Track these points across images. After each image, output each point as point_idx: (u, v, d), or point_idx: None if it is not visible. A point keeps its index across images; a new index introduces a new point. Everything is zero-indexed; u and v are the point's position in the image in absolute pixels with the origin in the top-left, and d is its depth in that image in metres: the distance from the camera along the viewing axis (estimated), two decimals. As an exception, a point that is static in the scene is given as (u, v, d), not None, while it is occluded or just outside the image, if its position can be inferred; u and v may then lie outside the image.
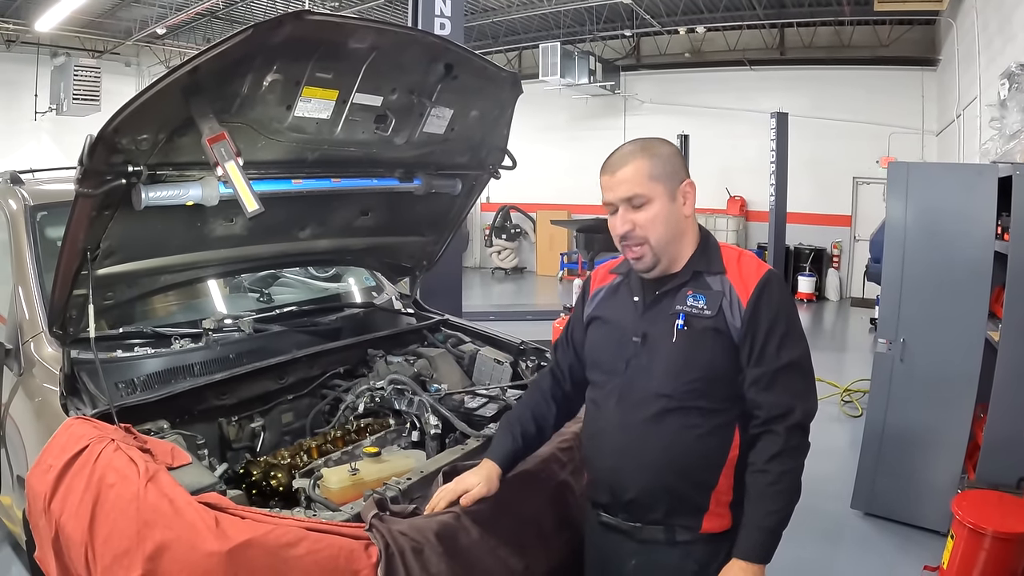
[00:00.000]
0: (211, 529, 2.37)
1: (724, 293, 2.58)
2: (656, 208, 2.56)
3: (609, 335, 2.77)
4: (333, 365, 4.13)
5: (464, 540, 2.71)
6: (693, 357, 2.56)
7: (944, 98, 14.01)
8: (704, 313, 2.57)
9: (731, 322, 2.55)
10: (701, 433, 2.56)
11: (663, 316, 2.63)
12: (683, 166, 2.63)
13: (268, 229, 3.68)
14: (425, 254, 4.82)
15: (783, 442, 2.49)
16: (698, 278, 2.63)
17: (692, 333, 2.57)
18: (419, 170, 3.93)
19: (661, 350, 2.60)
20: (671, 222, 2.59)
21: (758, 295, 2.54)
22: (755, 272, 2.61)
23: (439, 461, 3.18)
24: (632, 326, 2.69)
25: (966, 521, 4.38)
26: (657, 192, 2.55)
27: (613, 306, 2.81)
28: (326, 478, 3.05)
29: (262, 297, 5.03)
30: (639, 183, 2.54)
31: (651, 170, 2.54)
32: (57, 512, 2.67)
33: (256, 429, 3.68)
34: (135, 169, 2.79)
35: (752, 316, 2.53)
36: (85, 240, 2.97)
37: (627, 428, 2.64)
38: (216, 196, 3.06)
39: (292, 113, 3.04)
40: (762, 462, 2.50)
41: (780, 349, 2.52)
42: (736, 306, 2.55)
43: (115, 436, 2.78)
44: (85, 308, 3.17)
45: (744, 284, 2.58)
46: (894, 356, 5.74)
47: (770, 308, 2.54)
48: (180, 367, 3.73)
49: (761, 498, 2.49)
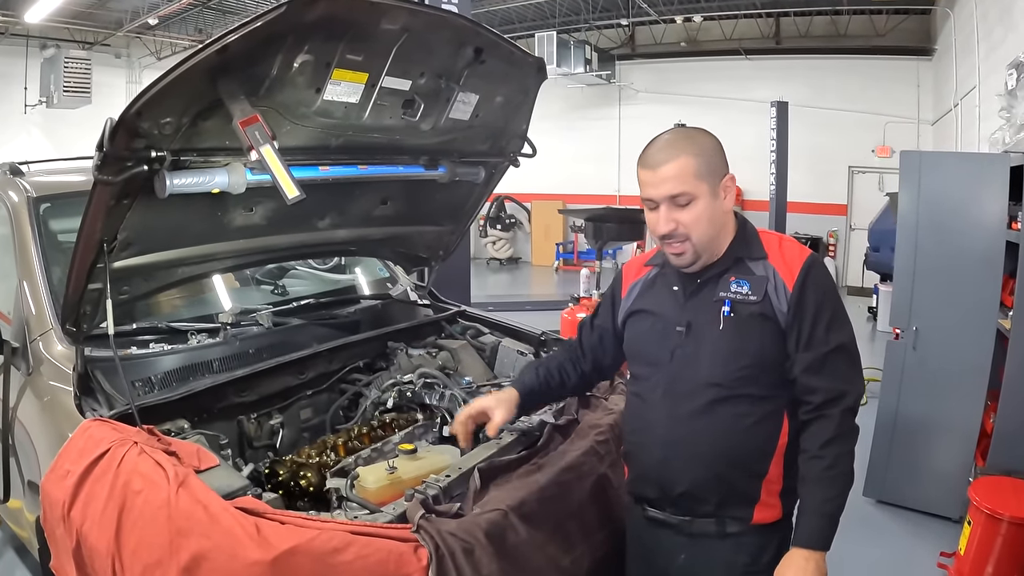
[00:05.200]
0: (252, 537, 2.24)
1: (768, 278, 2.53)
2: (700, 207, 2.48)
3: (651, 327, 2.70)
4: (353, 359, 4.01)
5: (512, 538, 2.61)
6: (741, 344, 2.52)
7: (940, 88, 14.03)
8: (749, 299, 2.52)
9: (777, 307, 2.50)
10: (752, 421, 2.52)
11: (707, 304, 2.58)
12: (725, 160, 2.54)
13: (287, 218, 3.53)
14: (442, 244, 4.69)
15: (837, 426, 2.45)
16: (739, 264, 2.58)
17: (739, 320, 2.53)
18: (442, 157, 3.80)
19: (707, 338, 2.55)
20: (714, 219, 2.52)
21: (803, 279, 2.50)
22: (798, 256, 2.56)
23: (475, 457, 3.04)
24: (675, 316, 2.64)
25: (983, 507, 4.40)
26: (702, 191, 2.47)
27: (652, 298, 2.75)
28: (363, 477, 2.92)
29: (277, 289, 4.88)
30: (684, 182, 2.45)
31: (697, 168, 2.46)
32: (78, 521, 2.53)
33: (275, 426, 3.56)
34: (158, 154, 2.64)
35: (799, 300, 2.48)
36: (102, 231, 2.82)
37: (676, 419, 2.57)
38: (243, 183, 2.93)
39: (321, 96, 2.90)
40: (817, 447, 2.45)
41: (828, 332, 2.49)
42: (782, 291, 2.50)
43: (137, 439, 2.65)
44: (100, 303, 3.04)
45: (788, 268, 2.53)
46: (906, 345, 5.73)
47: (816, 291, 2.50)
48: (198, 363, 3.60)
49: (819, 484, 2.45)
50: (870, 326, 12.71)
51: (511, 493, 2.74)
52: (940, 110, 13.87)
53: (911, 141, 15.31)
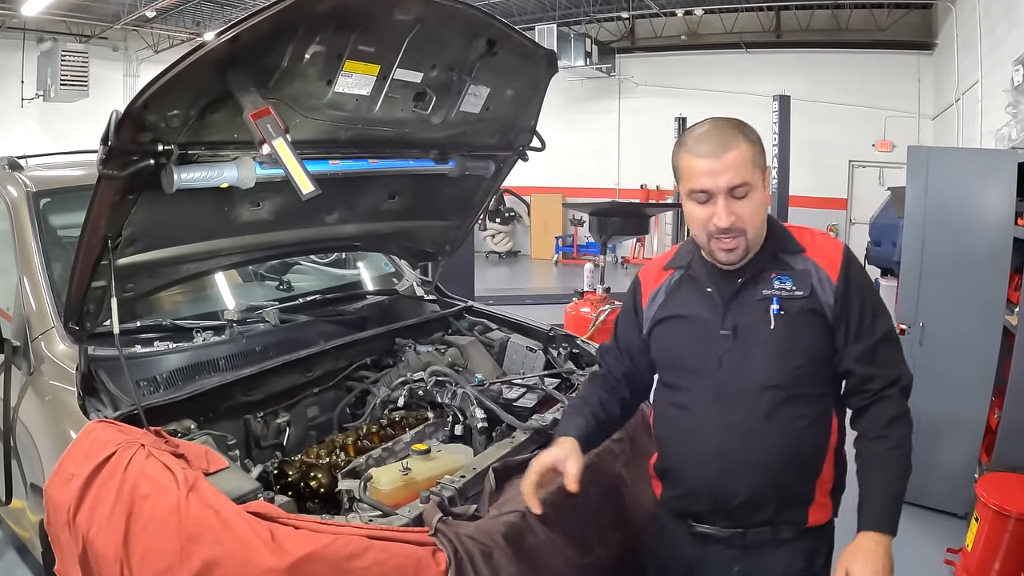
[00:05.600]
0: (266, 543, 2.17)
1: (811, 271, 2.44)
2: (757, 198, 2.37)
3: (688, 333, 2.55)
4: (360, 356, 3.94)
5: (531, 541, 2.54)
6: (795, 342, 2.42)
7: (941, 82, 14.02)
8: (796, 294, 2.43)
9: (824, 300, 2.42)
10: (809, 421, 2.44)
11: (750, 304, 2.45)
12: (765, 151, 2.46)
13: (295, 213, 3.46)
14: (448, 239, 4.62)
15: (898, 405, 2.41)
16: (777, 259, 2.48)
17: (789, 317, 2.42)
18: (452, 151, 3.73)
19: (759, 339, 2.43)
20: (763, 211, 2.43)
21: (846, 270, 2.44)
22: (835, 247, 2.50)
23: (489, 456, 2.98)
24: (715, 319, 2.48)
25: (991, 503, 4.37)
26: (757, 180, 2.37)
27: (684, 302, 2.59)
28: (376, 478, 2.82)
29: (282, 285, 4.82)
30: (746, 171, 2.33)
31: (754, 157, 2.35)
32: (84, 526, 2.45)
33: (282, 425, 3.49)
34: (165, 148, 2.57)
35: (846, 292, 2.42)
36: (107, 227, 2.76)
37: (731, 428, 2.44)
38: (252, 177, 2.85)
39: (332, 89, 2.83)
40: (880, 427, 2.40)
41: (875, 321, 2.44)
42: (827, 284, 2.43)
43: (144, 440, 2.56)
44: (104, 301, 2.98)
45: (829, 260, 2.45)
46: (913, 341, 5.64)
47: (859, 281, 2.46)
48: (204, 362, 3.53)
49: (884, 464, 2.39)
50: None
51: None
52: (941, 105, 13.86)
53: (912, 136, 15.31)
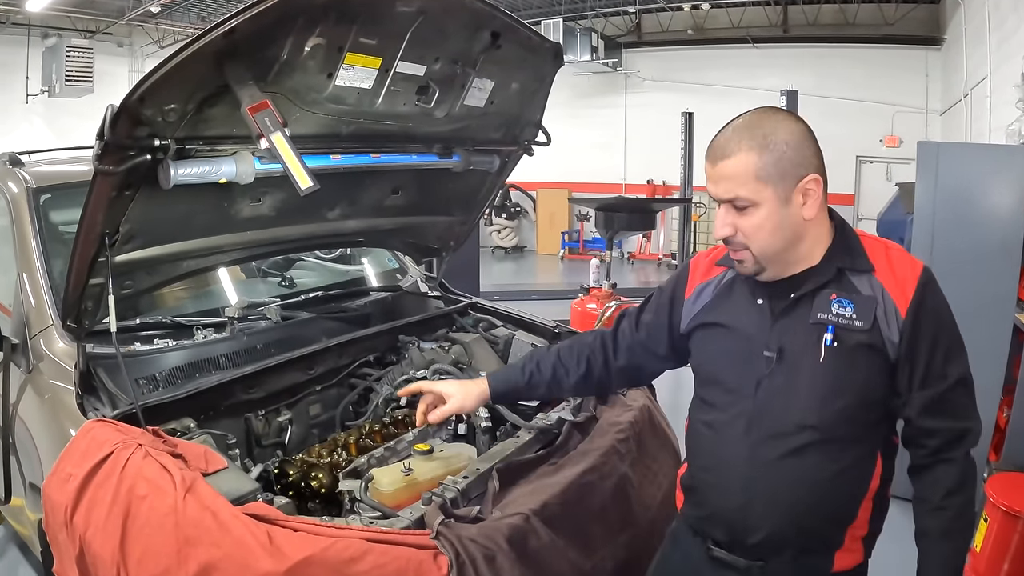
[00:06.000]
0: (264, 546, 2.12)
1: (877, 299, 2.13)
2: (762, 215, 2.09)
3: (730, 346, 2.31)
4: (363, 353, 3.88)
5: (534, 543, 2.49)
6: (845, 380, 2.14)
7: (949, 77, 13.95)
8: (855, 325, 2.12)
9: (887, 336, 2.11)
10: (844, 466, 2.18)
11: (802, 326, 2.18)
12: (808, 156, 2.10)
13: (296, 209, 3.42)
14: (453, 235, 4.56)
15: (960, 472, 2.15)
16: (841, 277, 2.17)
17: (843, 350, 2.13)
18: (456, 145, 3.69)
19: (805, 370, 2.16)
20: (783, 230, 2.12)
21: (919, 302, 2.11)
22: (911, 271, 2.16)
23: (493, 457, 2.94)
24: (761, 336, 2.23)
25: (1000, 504, 4.30)
26: (765, 196, 2.08)
27: (730, 309, 2.34)
28: (377, 479, 2.78)
29: (284, 281, 4.79)
30: (742, 184, 2.08)
31: (759, 168, 2.06)
32: (81, 527, 2.41)
33: (283, 423, 3.44)
34: (162, 143, 2.51)
35: (913, 329, 2.10)
36: (104, 224, 2.71)
37: (759, 463, 2.22)
38: (251, 173, 2.81)
39: (333, 82, 2.78)
40: (940, 498, 2.15)
41: (947, 364, 2.13)
42: (893, 316, 2.11)
43: (142, 440, 2.52)
44: (102, 298, 2.93)
45: (900, 287, 2.13)
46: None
47: (934, 317, 2.13)
48: (204, 359, 3.48)
49: (945, 538, 2.16)
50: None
51: (532, 496, 2.63)
52: (949, 100, 13.78)
53: (919, 131, 15.21)
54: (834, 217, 2.24)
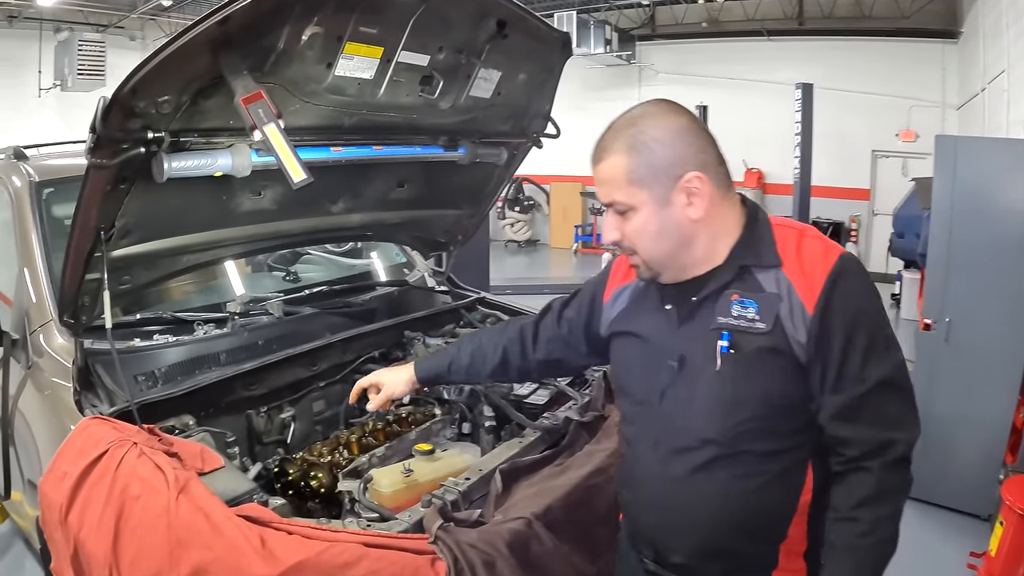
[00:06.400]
0: (256, 550, 2.07)
1: (782, 297, 1.94)
2: (642, 219, 1.99)
3: (639, 354, 2.19)
4: (367, 349, 3.81)
5: (536, 548, 2.39)
6: (744, 390, 1.97)
7: (966, 71, 13.80)
8: (756, 327, 1.95)
9: (793, 336, 1.93)
10: (764, 482, 2.01)
11: (703, 332, 2.02)
12: (686, 153, 1.96)
13: (299, 203, 3.36)
14: (460, 228, 4.49)
15: (877, 482, 1.91)
16: (746, 275, 2.00)
17: (741, 357, 1.97)
18: (462, 138, 3.62)
19: (702, 380, 2.01)
20: (666, 233, 1.99)
21: (827, 297, 1.91)
22: (821, 262, 1.95)
23: (497, 457, 2.87)
24: (666, 344, 2.10)
25: (1016, 507, 4.21)
26: (640, 199, 1.97)
27: (641, 316, 2.22)
28: (376, 480, 2.73)
29: (288, 276, 4.72)
30: (617, 188, 1.99)
31: (631, 170, 1.96)
32: (75, 527, 2.37)
33: (286, 420, 3.40)
34: (156, 136, 2.46)
35: (821, 327, 1.91)
36: (99, 218, 2.66)
37: (669, 480, 2.10)
38: (248, 166, 2.74)
39: (332, 72, 2.71)
40: (849, 507, 1.93)
41: (865, 366, 1.92)
42: (799, 314, 1.92)
43: (137, 439, 2.48)
44: (99, 294, 2.87)
45: (809, 281, 1.93)
46: (938, 337, 5.54)
47: (846, 312, 1.92)
48: (205, 355, 3.42)
49: (849, 553, 1.94)
50: (893, 314, 12.50)
51: (536, 499, 2.54)
52: (966, 94, 13.63)
53: (936, 125, 15.02)
54: (747, 205, 2.10)
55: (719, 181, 2.00)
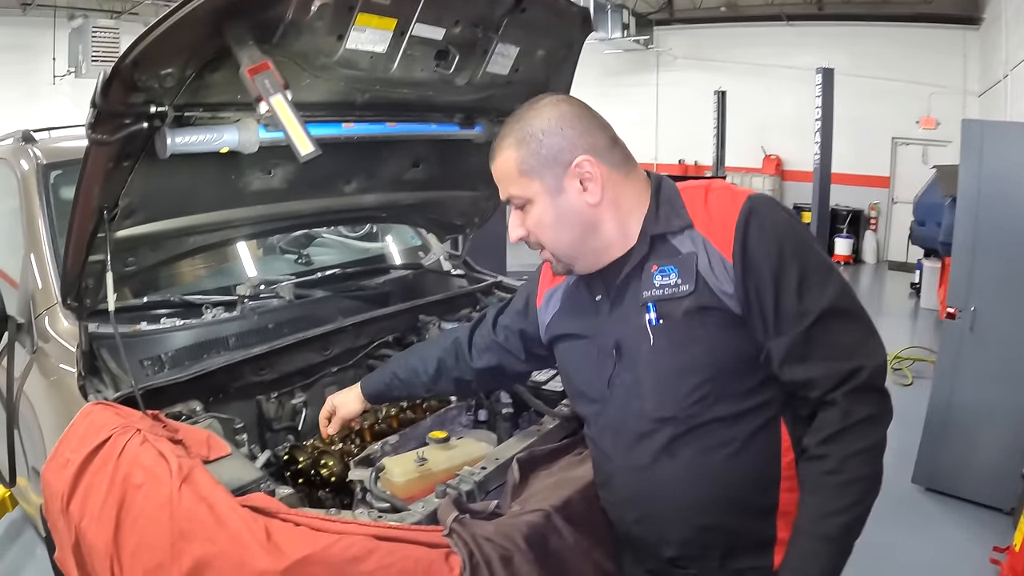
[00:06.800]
0: (261, 542, 1.96)
1: (698, 252, 1.92)
2: (538, 210, 2.00)
3: (582, 354, 2.19)
4: (381, 333, 3.70)
5: (555, 543, 2.27)
6: (684, 358, 1.94)
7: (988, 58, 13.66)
8: (680, 291, 1.92)
9: (719, 289, 1.89)
10: (734, 450, 1.94)
11: (633, 311, 2.01)
12: (573, 139, 1.97)
13: (310, 182, 3.26)
14: (477, 210, 4.37)
15: (843, 414, 1.83)
16: (660, 245, 1.98)
17: (672, 325, 1.94)
18: (479, 116, 3.50)
19: (641, 360, 2.00)
20: (566, 221, 2.00)
21: (742, 239, 1.87)
22: (730, 207, 1.92)
23: (514, 446, 2.76)
24: (602, 336, 2.09)
25: (1044, 499, 4.09)
26: (534, 191, 1.99)
27: (575, 314, 2.22)
28: (389, 469, 2.61)
29: (300, 259, 4.64)
30: (511, 182, 2.02)
31: (520, 163, 1.98)
32: (77, 515, 2.28)
33: (297, 406, 3.29)
34: (159, 110, 2.35)
35: (745, 271, 1.86)
36: (101, 197, 2.55)
37: (636, 469, 2.05)
38: (255, 141, 2.63)
39: (344, 45, 2.57)
40: (815, 444, 1.86)
41: (802, 298, 1.85)
42: (719, 265, 1.89)
43: (141, 425, 2.38)
44: (103, 276, 2.77)
45: (721, 230, 1.91)
46: (963, 326, 5.44)
47: (766, 248, 1.87)
48: (213, 340, 3.34)
49: (818, 493, 1.86)
50: (912, 303, 12.42)
51: (554, 491, 2.41)
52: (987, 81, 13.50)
53: (957, 112, 14.84)
54: (652, 179, 2.10)
55: (613, 162, 2.02)
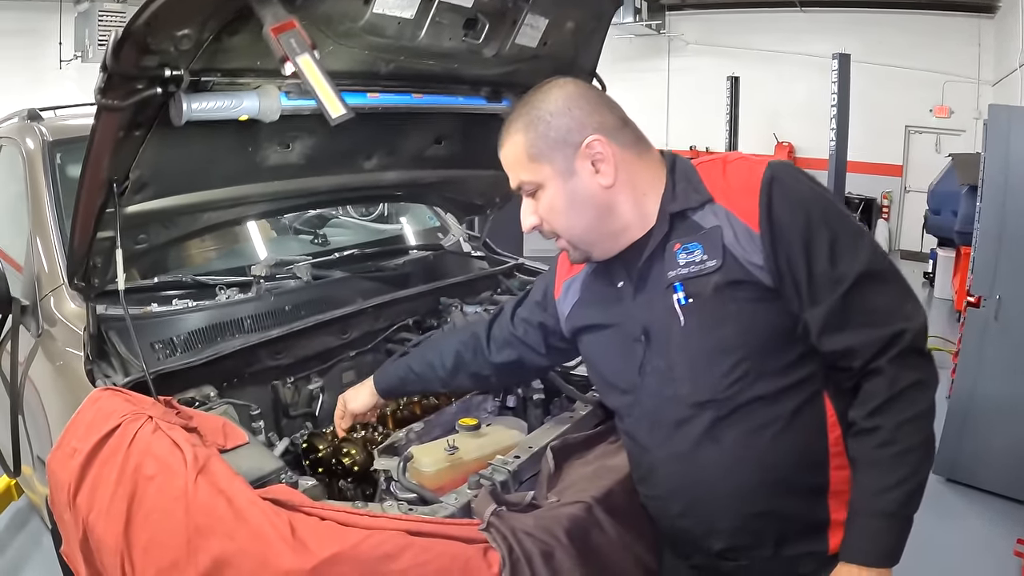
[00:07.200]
0: (286, 539, 1.81)
1: (722, 225, 1.85)
2: (550, 195, 1.95)
3: (608, 344, 2.11)
4: (401, 316, 3.57)
5: (597, 537, 2.13)
6: (717, 337, 1.86)
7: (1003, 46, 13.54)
8: (707, 267, 1.85)
9: (748, 261, 1.82)
10: (778, 429, 1.86)
11: (659, 293, 1.93)
12: (582, 119, 1.92)
13: (330, 157, 3.11)
14: (499, 190, 4.19)
15: (890, 382, 1.75)
16: (681, 223, 1.91)
17: (702, 303, 1.86)
18: (505, 90, 3.34)
19: (673, 343, 1.92)
20: (579, 205, 1.94)
21: (767, 207, 1.80)
22: (750, 176, 1.86)
23: (546, 433, 2.60)
24: (628, 323, 2.02)
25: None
26: (544, 175, 1.93)
27: (597, 303, 2.15)
28: (417, 458, 2.45)
29: (317, 239, 4.48)
30: (521, 168, 1.97)
31: (529, 147, 1.93)
32: (84, 509, 2.14)
33: (314, 391, 3.16)
34: (174, 74, 2.18)
35: (774, 240, 1.79)
36: (111, 168, 2.39)
37: (677, 458, 1.96)
38: (277, 109, 2.46)
39: (371, 8, 2.41)
40: (864, 417, 1.78)
41: (835, 264, 1.78)
42: (746, 236, 1.82)
43: (153, 412, 2.24)
44: (112, 254, 2.62)
45: (744, 200, 1.84)
46: (988, 314, 5.31)
47: (793, 215, 1.79)
48: (228, 322, 3.18)
49: (872, 467, 1.78)
50: (926, 292, 12.28)
51: (594, 481, 2.26)
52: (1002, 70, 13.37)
53: (971, 101, 14.79)
54: (665, 157, 2.03)
55: (625, 142, 1.96)
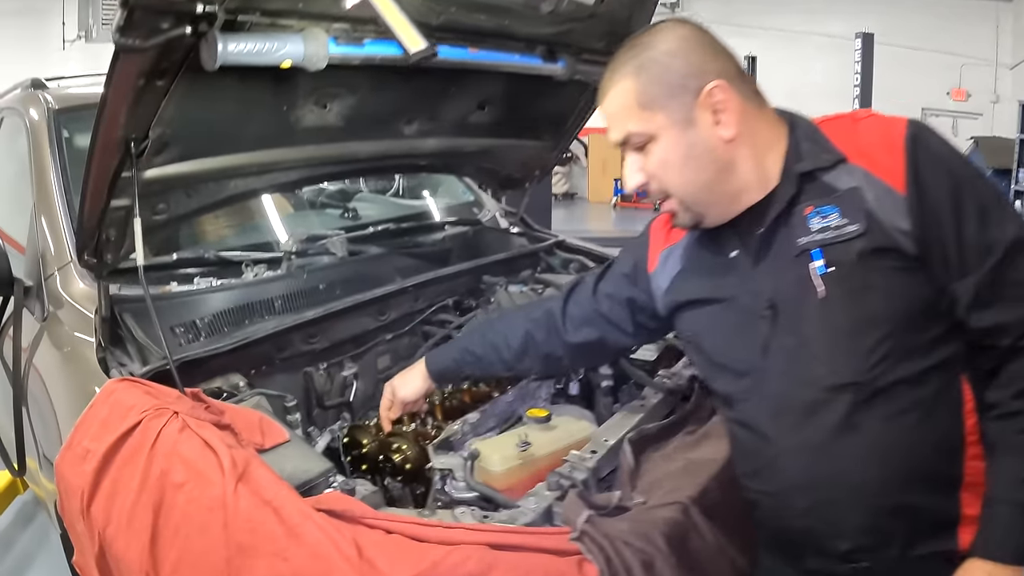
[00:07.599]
0: (350, 560, 1.52)
1: (861, 187, 1.63)
2: (663, 147, 1.69)
3: (719, 321, 1.86)
4: (440, 296, 3.33)
5: (696, 543, 1.86)
6: (862, 310, 1.64)
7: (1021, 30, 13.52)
8: (847, 231, 1.62)
9: (893, 226, 1.60)
10: (923, 413, 1.65)
11: (786, 263, 1.70)
12: (704, 61, 1.69)
13: (369, 120, 2.83)
14: (539, 162, 3.92)
15: None
16: (810, 184, 1.69)
17: (845, 273, 1.63)
18: (561, 51, 3.05)
19: (808, 317, 1.68)
20: (696, 159, 1.70)
21: (914, 166, 1.59)
22: (889, 133, 1.63)
23: (620, 425, 2.33)
24: (747, 296, 1.78)
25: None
26: (657, 124, 1.68)
27: (704, 275, 1.90)
28: (485, 456, 2.16)
29: (346, 214, 4.21)
30: (627, 117, 1.71)
31: (640, 93, 1.68)
32: (101, 521, 1.86)
33: (348, 378, 2.90)
34: (207, 10, 1.84)
35: (922, 202, 1.58)
36: (128, 125, 2.08)
37: (809, 450, 1.71)
38: (323, 56, 2.14)
39: None
40: (1009, 398, 1.59)
41: (985, 230, 1.57)
42: (889, 198, 1.60)
43: (178, 406, 1.95)
44: (127, 226, 2.33)
45: (886, 159, 1.62)
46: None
47: (942, 175, 1.59)
48: (256, 302, 2.88)
49: (1015, 453, 1.59)
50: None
51: (685, 478, 2.00)
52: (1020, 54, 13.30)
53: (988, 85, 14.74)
54: (784, 116, 1.79)
55: (747, 93, 1.73)
